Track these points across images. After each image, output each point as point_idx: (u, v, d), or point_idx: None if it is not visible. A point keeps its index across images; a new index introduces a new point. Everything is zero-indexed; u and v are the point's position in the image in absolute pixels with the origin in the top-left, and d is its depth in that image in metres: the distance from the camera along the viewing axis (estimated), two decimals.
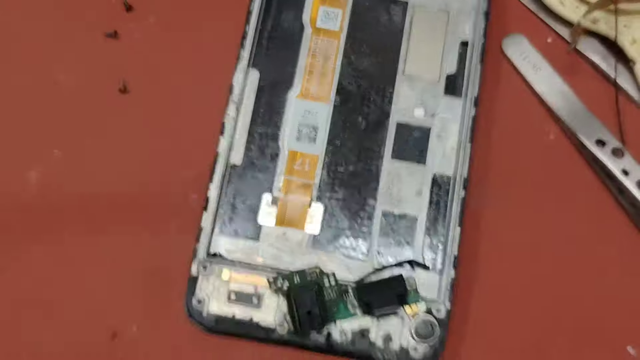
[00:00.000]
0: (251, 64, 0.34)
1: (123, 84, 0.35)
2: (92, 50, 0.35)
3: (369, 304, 0.30)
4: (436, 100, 0.34)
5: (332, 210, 0.32)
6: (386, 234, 0.32)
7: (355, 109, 0.34)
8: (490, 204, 0.33)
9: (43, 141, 0.34)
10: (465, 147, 0.33)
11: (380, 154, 0.33)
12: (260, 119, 0.33)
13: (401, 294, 0.30)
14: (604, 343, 0.32)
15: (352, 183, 0.33)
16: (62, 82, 0.35)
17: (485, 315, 0.32)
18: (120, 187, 0.34)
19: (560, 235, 0.33)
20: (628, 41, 0.34)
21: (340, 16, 0.35)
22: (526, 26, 0.36)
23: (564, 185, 0.34)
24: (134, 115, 0.35)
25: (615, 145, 0.33)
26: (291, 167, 0.33)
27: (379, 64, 0.34)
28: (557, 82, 0.35)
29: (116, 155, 0.34)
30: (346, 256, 0.32)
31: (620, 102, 0.34)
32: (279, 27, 0.35)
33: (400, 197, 0.32)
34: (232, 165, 0.33)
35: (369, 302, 0.30)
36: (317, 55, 0.34)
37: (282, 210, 0.32)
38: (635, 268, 0.33)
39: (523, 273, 0.33)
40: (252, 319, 0.31)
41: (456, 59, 0.34)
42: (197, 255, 0.31)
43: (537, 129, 0.35)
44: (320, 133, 0.33)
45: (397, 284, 0.31)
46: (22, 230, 0.33)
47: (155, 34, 0.36)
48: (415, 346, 0.30)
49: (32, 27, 0.36)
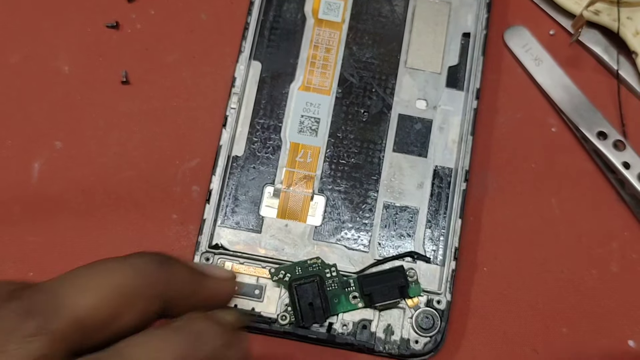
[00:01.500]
0: (253, 55, 0.34)
1: (125, 75, 0.35)
2: (93, 41, 0.35)
3: (371, 296, 0.30)
4: (438, 92, 0.34)
5: (334, 202, 0.32)
6: (387, 225, 0.32)
7: (357, 101, 0.34)
8: (491, 197, 0.33)
9: (45, 132, 0.34)
10: (466, 140, 0.33)
11: (382, 145, 0.33)
12: (262, 111, 0.33)
13: (402, 286, 0.31)
14: (605, 336, 0.32)
15: (353, 175, 0.33)
16: (63, 73, 0.35)
17: (485, 307, 0.32)
18: (122, 179, 0.34)
19: (562, 228, 0.33)
20: (631, 33, 0.34)
21: (342, 7, 0.35)
22: (528, 18, 0.36)
23: (566, 178, 0.34)
24: (135, 106, 0.35)
25: (616, 138, 0.33)
26: (293, 159, 0.33)
27: (381, 56, 0.34)
28: (559, 74, 0.35)
29: (118, 146, 0.34)
30: (348, 248, 0.32)
31: (622, 94, 0.34)
32: (280, 19, 0.35)
33: (401, 189, 0.33)
34: (234, 157, 0.33)
35: (370, 294, 0.30)
36: (319, 47, 0.34)
37: (284, 202, 0.32)
38: (636, 260, 0.33)
39: (524, 265, 0.33)
40: (254, 310, 0.31)
41: (458, 50, 0.34)
42: (200, 247, 0.31)
43: (538, 121, 0.35)
44: (322, 125, 0.33)
45: (399, 276, 0.31)
46: (24, 221, 0.33)
47: (157, 25, 0.36)
48: (417, 338, 0.31)
49: (34, 18, 0.36)
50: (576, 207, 0.34)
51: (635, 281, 0.33)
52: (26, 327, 0.20)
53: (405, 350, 0.30)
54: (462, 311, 0.32)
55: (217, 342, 0.22)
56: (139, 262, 0.22)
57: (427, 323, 0.31)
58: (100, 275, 0.22)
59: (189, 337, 0.22)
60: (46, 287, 0.21)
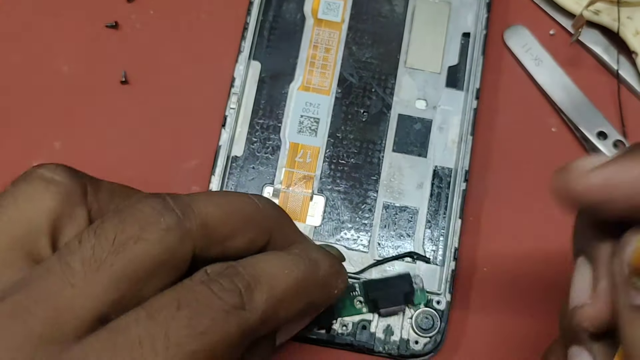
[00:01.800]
0: (252, 55, 0.34)
1: (124, 75, 0.35)
2: (93, 42, 0.35)
3: (375, 301, 0.30)
4: (438, 92, 0.34)
5: (334, 203, 0.32)
6: (387, 226, 0.32)
7: (356, 101, 0.33)
8: (491, 197, 0.33)
9: (45, 132, 0.34)
10: (466, 140, 0.33)
11: (381, 146, 0.33)
12: (261, 111, 0.33)
13: (407, 293, 0.30)
14: None
15: (353, 175, 0.33)
16: (63, 73, 0.35)
17: (485, 307, 0.32)
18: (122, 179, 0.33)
19: (562, 228, 0.33)
20: (631, 33, 0.34)
21: (341, 7, 0.35)
22: (528, 17, 0.36)
23: None
24: (134, 106, 0.35)
25: (616, 138, 0.33)
26: (292, 159, 0.33)
27: (380, 56, 0.34)
28: (559, 74, 0.35)
29: (117, 146, 0.34)
30: (347, 248, 0.32)
31: (622, 94, 0.34)
32: (280, 19, 0.34)
33: (401, 189, 0.32)
34: (233, 157, 0.33)
35: (375, 300, 0.30)
36: (318, 47, 0.34)
37: (283, 203, 0.32)
38: None
39: (524, 265, 0.33)
40: None
41: (458, 50, 0.34)
42: None
43: (538, 121, 0.35)
44: (321, 125, 0.33)
45: (404, 283, 0.31)
46: None
47: (156, 25, 0.36)
48: (416, 338, 0.30)
49: (34, 18, 0.36)
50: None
51: None
52: (164, 220, 0.21)
53: (405, 351, 0.30)
54: (461, 311, 0.32)
55: (330, 270, 0.25)
56: (260, 199, 0.25)
57: (427, 323, 0.31)
58: (228, 198, 0.24)
59: (308, 262, 0.24)
60: (182, 196, 0.23)
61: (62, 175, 0.23)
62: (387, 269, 0.31)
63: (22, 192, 0.22)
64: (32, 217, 0.22)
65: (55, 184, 0.23)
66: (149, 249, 0.21)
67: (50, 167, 0.23)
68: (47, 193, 0.22)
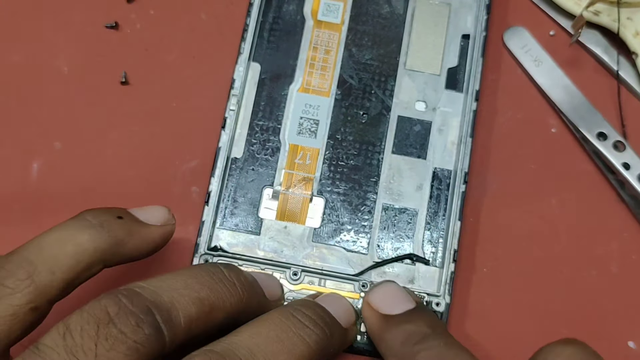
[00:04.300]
0: (252, 57, 0.34)
1: (124, 76, 0.35)
2: (93, 42, 0.35)
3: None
4: (437, 93, 0.34)
5: (333, 204, 0.32)
6: (386, 227, 0.32)
7: (356, 103, 0.33)
8: (490, 198, 0.33)
9: (44, 133, 0.34)
10: (466, 141, 0.33)
11: (381, 147, 0.33)
12: (261, 113, 0.33)
13: None
14: (605, 337, 0.32)
15: (353, 177, 0.33)
16: (63, 73, 0.35)
17: (485, 308, 0.32)
18: (121, 179, 0.34)
19: (562, 229, 0.33)
20: (631, 33, 0.34)
21: (341, 9, 0.35)
22: (528, 18, 0.36)
23: (566, 179, 0.34)
24: (134, 107, 0.35)
25: (616, 139, 0.33)
26: (292, 160, 0.33)
27: (380, 57, 0.34)
28: (559, 75, 0.35)
29: (117, 147, 0.34)
30: (347, 250, 0.32)
31: (622, 95, 0.34)
32: (280, 20, 0.34)
33: (400, 191, 0.33)
34: (233, 158, 0.33)
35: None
36: (318, 48, 0.34)
37: (283, 204, 0.32)
38: (636, 261, 0.33)
39: (523, 267, 0.33)
40: None
41: (457, 52, 0.34)
42: (199, 249, 0.31)
43: (538, 122, 0.35)
44: (321, 127, 0.33)
45: None
46: (23, 221, 0.33)
47: (156, 25, 0.36)
48: None
49: (34, 18, 0.36)
50: (576, 207, 0.34)
51: (635, 282, 0.33)
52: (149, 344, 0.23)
53: None
54: (461, 313, 0.32)
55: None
56: (230, 271, 0.27)
57: None
58: (202, 283, 0.26)
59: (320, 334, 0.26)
60: (164, 300, 0.24)
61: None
62: (387, 271, 0.31)
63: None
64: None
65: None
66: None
67: None
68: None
